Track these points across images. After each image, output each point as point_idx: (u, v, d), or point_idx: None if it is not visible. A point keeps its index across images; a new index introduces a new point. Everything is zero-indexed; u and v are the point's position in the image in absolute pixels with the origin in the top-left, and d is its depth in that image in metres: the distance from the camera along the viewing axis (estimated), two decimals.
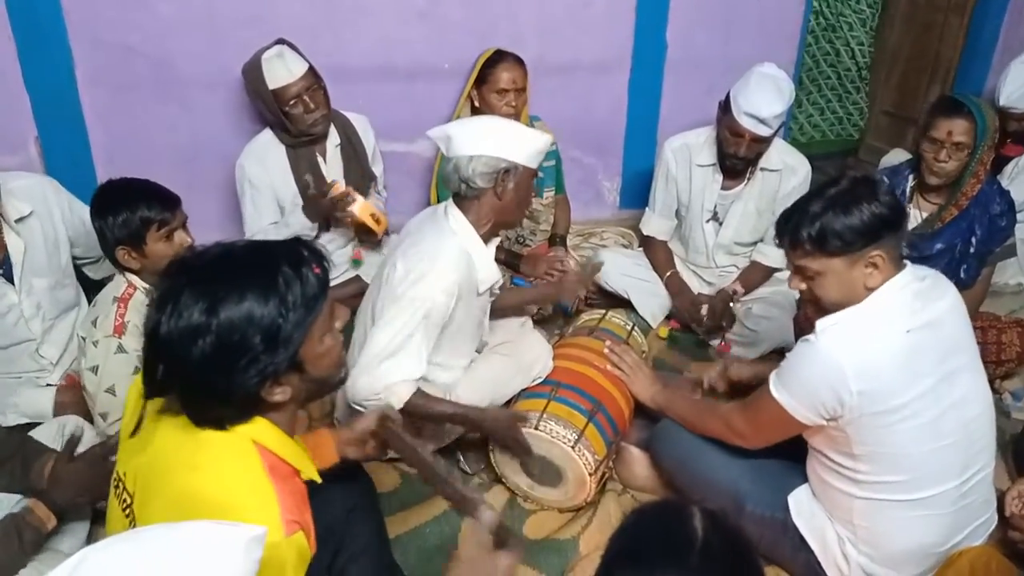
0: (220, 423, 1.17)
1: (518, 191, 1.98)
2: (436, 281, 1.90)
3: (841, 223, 1.62)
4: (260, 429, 1.19)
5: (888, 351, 1.62)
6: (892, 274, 1.67)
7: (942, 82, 4.01)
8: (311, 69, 2.56)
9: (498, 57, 2.84)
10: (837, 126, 4.21)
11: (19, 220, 2.17)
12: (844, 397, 1.60)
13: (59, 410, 2.19)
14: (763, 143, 2.69)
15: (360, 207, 2.50)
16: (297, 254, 1.17)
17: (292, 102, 2.52)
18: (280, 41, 2.57)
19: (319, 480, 1.28)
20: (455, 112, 3.02)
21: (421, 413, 1.96)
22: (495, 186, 1.94)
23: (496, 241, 2.10)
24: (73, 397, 2.22)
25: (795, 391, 1.69)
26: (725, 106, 2.70)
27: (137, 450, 1.24)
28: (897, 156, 3.41)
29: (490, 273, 2.04)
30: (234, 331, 1.09)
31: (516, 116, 2.86)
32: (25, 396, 2.21)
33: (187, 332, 1.08)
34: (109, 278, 2.31)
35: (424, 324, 1.91)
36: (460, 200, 1.99)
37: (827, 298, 1.69)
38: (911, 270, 1.70)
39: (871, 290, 1.66)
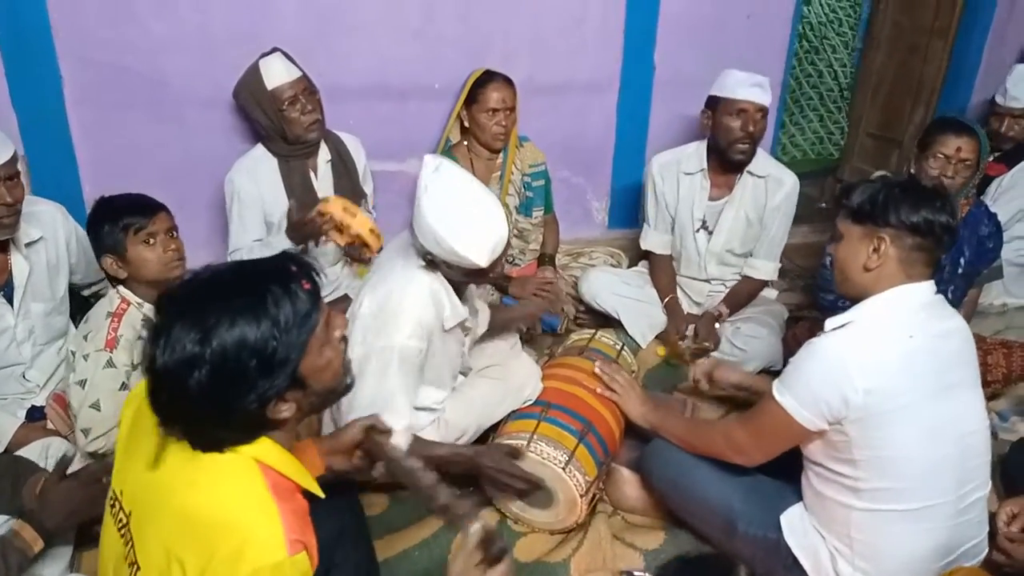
0: (221, 446, 1.15)
1: (464, 274, 1.94)
2: (402, 327, 1.89)
3: (882, 194, 1.71)
4: (262, 448, 1.18)
5: (891, 351, 1.65)
6: (896, 275, 1.71)
7: (926, 104, 4.06)
8: (306, 76, 2.59)
9: (488, 77, 2.86)
10: (818, 145, 4.26)
11: (28, 244, 2.19)
12: (849, 395, 1.62)
13: (20, 441, 2.10)
14: (764, 119, 2.73)
15: (360, 222, 2.48)
16: (285, 271, 1.16)
17: (289, 102, 2.53)
18: (276, 49, 2.60)
19: (322, 495, 1.27)
20: (444, 132, 3.03)
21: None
22: (438, 265, 1.93)
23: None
24: (55, 422, 2.19)
25: (799, 393, 1.69)
26: (714, 102, 2.76)
27: (135, 466, 1.23)
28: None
29: (456, 311, 2.00)
30: (228, 358, 1.07)
31: (506, 135, 2.88)
32: None
33: (182, 364, 1.07)
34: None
35: (400, 372, 1.90)
36: None
37: (837, 264, 1.80)
38: (928, 285, 1.74)
39: (868, 272, 1.72)
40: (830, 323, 1.72)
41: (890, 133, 4.26)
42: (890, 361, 1.64)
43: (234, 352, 1.08)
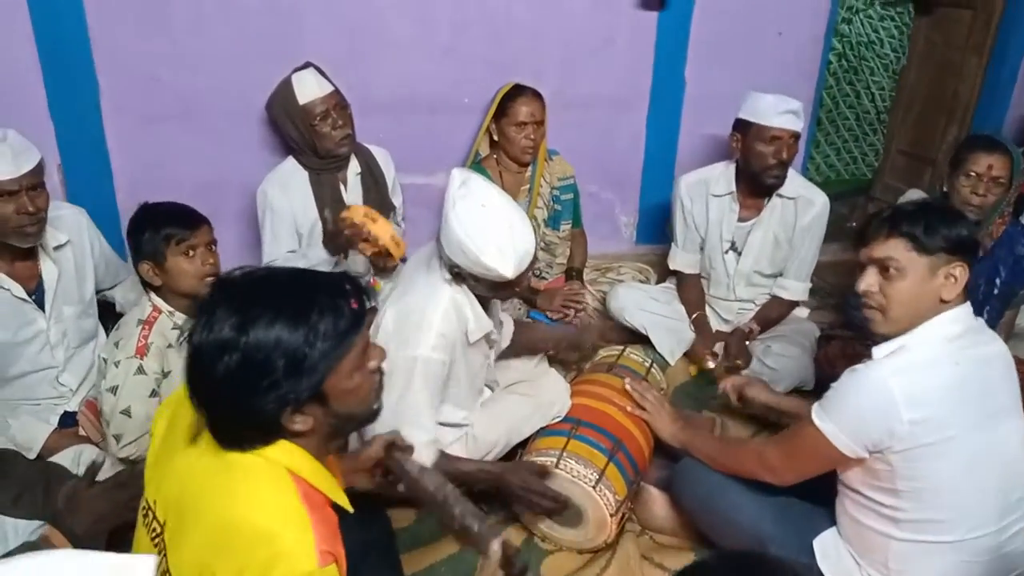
0: (241, 444, 1.16)
1: (480, 288, 1.93)
2: (424, 340, 1.88)
3: (947, 226, 1.64)
4: (294, 457, 1.18)
5: (939, 380, 1.61)
6: (962, 300, 1.67)
7: (960, 122, 4.00)
8: (338, 91, 2.61)
9: (517, 91, 2.86)
10: (852, 166, 4.20)
11: (56, 248, 2.22)
12: (895, 427, 1.58)
13: (52, 447, 2.12)
14: (796, 143, 2.69)
15: (381, 228, 2.49)
16: (338, 286, 1.17)
17: (320, 117, 2.54)
18: (308, 64, 2.62)
19: (351, 509, 1.26)
20: (474, 146, 3.03)
21: (445, 473, 1.93)
22: (463, 277, 1.92)
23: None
24: (87, 429, 2.22)
25: (841, 420, 1.65)
26: (744, 126, 2.70)
27: (169, 476, 1.23)
28: (914, 196, 3.40)
29: (480, 324, 1.99)
30: (259, 352, 1.09)
31: (534, 149, 2.88)
32: (23, 422, 2.18)
33: (216, 345, 1.09)
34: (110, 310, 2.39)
35: (423, 385, 1.89)
36: None
37: (897, 299, 1.66)
38: (968, 307, 1.70)
39: (944, 303, 1.65)
40: (878, 351, 1.68)
41: (923, 151, 4.20)
42: (937, 392, 1.60)
43: (267, 347, 1.09)
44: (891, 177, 4.34)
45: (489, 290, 1.94)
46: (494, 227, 1.82)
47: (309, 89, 2.55)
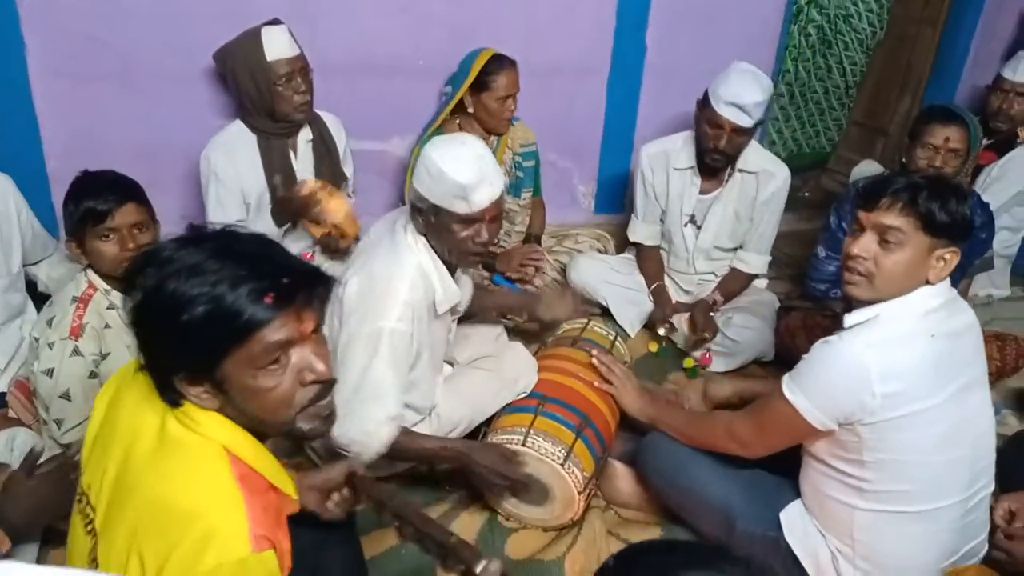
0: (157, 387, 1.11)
1: (441, 232, 1.84)
2: (389, 310, 1.81)
3: (954, 207, 1.59)
4: (233, 435, 1.10)
5: (914, 353, 1.59)
6: (944, 280, 1.65)
7: (913, 94, 4.05)
8: (303, 54, 2.47)
9: (498, 64, 2.74)
10: (814, 139, 4.21)
11: None
12: (866, 400, 1.56)
13: None
14: (743, 136, 2.62)
15: (336, 204, 2.37)
16: (272, 276, 1.05)
17: (285, 78, 2.40)
18: (278, 20, 2.47)
19: (295, 496, 1.20)
20: (441, 115, 2.88)
21: (406, 451, 1.89)
22: (424, 215, 1.83)
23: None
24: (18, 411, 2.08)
25: (812, 393, 1.63)
26: (703, 101, 2.64)
27: (106, 461, 1.14)
28: (870, 167, 3.41)
29: (449, 293, 1.93)
30: (154, 293, 1.03)
31: (510, 119, 2.83)
32: None
33: (137, 269, 1.06)
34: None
35: (389, 357, 1.81)
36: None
37: (887, 270, 1.62)
38: (947, 283, 1.69)
39: (929, 284, 1.63)
40: (850, 319, 1.66)
41: (876, 122, 4.25)
42: (912, 365, 1.58)
43: (162, 296, 1.03)
44: (844, 148, 4.38)
45: (451, 237, 1.83)
46: (466, 154, 1.77)
47: (279, 47, 2.39)
